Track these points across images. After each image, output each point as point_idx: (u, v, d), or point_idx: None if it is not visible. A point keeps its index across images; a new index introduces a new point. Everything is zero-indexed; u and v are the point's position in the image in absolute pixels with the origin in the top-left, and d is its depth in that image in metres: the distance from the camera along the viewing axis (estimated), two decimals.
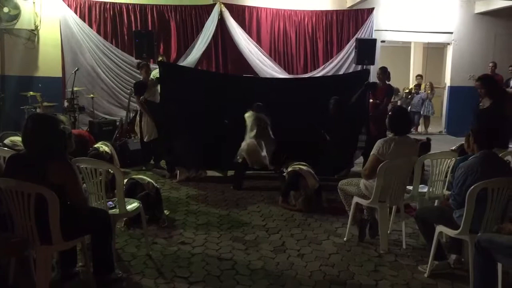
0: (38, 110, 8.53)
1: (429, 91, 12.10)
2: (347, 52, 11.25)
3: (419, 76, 12.47)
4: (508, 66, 11.00)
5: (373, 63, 9.27)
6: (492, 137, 3.66)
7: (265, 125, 6.46)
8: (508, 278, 3.38)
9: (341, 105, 6.73)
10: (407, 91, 12.32)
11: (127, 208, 4.03)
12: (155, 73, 7.91)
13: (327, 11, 11.44)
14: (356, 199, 4.50)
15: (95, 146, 6.00)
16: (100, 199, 3.88)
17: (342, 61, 11.32)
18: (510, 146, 9.32)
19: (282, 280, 3.75)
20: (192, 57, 10.60)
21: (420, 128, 12.46)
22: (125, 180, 4.82)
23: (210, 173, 7.20)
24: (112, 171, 4.17)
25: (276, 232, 4.82)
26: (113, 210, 3.97)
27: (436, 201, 4.64)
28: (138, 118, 7.71)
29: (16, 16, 9.71)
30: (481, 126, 3.78)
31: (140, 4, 10.50)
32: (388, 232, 4.60)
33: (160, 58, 8.95)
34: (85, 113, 9.81)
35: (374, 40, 9.89)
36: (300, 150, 6.44)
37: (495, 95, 5.64)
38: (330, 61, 11.34)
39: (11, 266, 3.22)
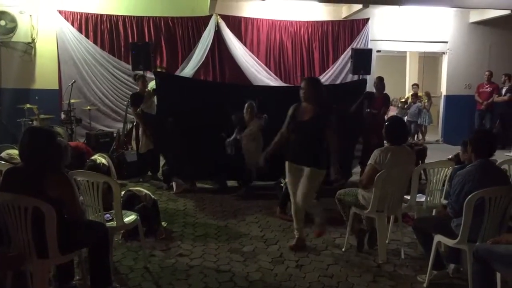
0: (35, 123, 8.52)
1: (425, 101, 12.13)
2: (342, 62, 11.33)
3: (415, 85, 12.53)
4: (502, 74, 11.11)
5: (369, 73, 9.34)
6: (490, 145, 3.67)
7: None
8: (506, 287, 3.37)
9: (340, 114, 6.74)
10: (403, 100, 12.35)
11: (124, 220, 4.01)
12: (152, 84, 7.94)
13: (322, 22, 11.53)
14: (354, 209, 4.50)
15: (92, 158, 5.98)
16: (97, 212, 3.87)
17: (337, 71, 11.40)
18: (509, 154, 9.39)
19: None
20: (189, 69, 10.65)
21: (417, 137, 12.47)
22: (123, 192, 4.82)
23: (208, 184, 7.20)
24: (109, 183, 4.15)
25: (274, 243, 4.80)
26: (111, 222, 3.95)
27: (434, 210, 4.64)
28: (134, 130, 7.71)
29: (13, 29, 9.74)
30: (479, 135, 3.79)
31: (136, 16, 10.57)
32: (387, 242, 4.59)
33: (159, 69, 8.97)
34: (82, 125, 9.81)
35: (370, 50, 9.97)
36: None
37: (320, 106, 4.42)
38: (327, 71, 11.41)
39: (8, 280, 3.19)
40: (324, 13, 11.64)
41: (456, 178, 3.61)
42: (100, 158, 5.83)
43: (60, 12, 10.13)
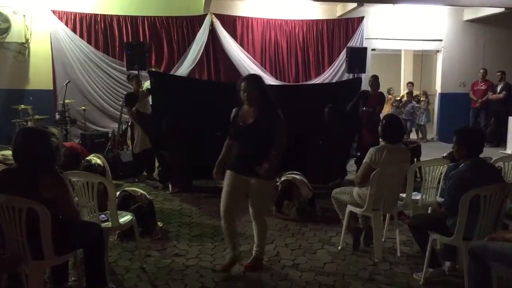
0: (29, 123, 8.48)
1: (423, 99, 12.12)
2: (340, 61, 11.31)
3: (410, 84, 12.54)
4: (496, 72, 11.15)
5: (364, 71, 9.35)
6: (480, 144, 3.69)
7: None
8: (502, 284, 3.38)
9: (336, 113, 6.76)
10: (398, 98, 12.35)
11: (120, 221, 3.99)
12: (147, 84, 7.92)
13: (317, 21, 11.53)
14: (349, 208, 4.50)
15: (87, 158, 5.97)
16: (92, 213, 3.85)
17: (335, 71, 11.41)
18: (503, 151, 9.42)
19: None
20: (184, 68, 10.64)
21: (416, 136, 12.41)
22: (118, 193, 4.80)
23: (204, 184, 7.19)
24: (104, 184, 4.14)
25: (270, 242, 4.78)
26: (106, 223, 3.94)
27: (429, 208, 4.65)
28: (129, 130, 7.70)
29: (7, 30, 9.70)
30: (466, 134, 3.79)
31: (131, 16, 10.53)
32: (383, 240, 4.59)
33: (153, 69, 8.96)
34: (76, 126, 9.78)
35: (365, 49, 9.98)
36: (294, 158, 6.44)
37: (264, 106, 3.82)
38: (324, 73, 11.42)
39: (3, 282, 3.18)
40: (318, 12, 11.64)
41: (450, 180, 3.62)
42: (95, 159, 5.82)
43: (54, 12, 10.08)
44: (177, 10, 10.80)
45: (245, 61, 11.05)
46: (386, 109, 11.56)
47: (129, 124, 7.85)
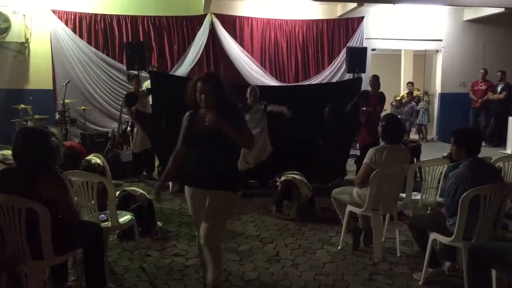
0: (29, 123, 8.48)
1: (426, 98, 12.11)
2: (340, 61, 11.32)
3: (410, 84, 12.53)
4: (496, 72, 11.14)
5: (364, 71, 9.34)
6: (478, 143, 3.69)
7: None
8: (502, 284, 3.38)
9: (336, 113, 6.76)
10: (398, 98, 12.34)
11: (119, 220, 3.99)
12: (147, 84, 7.92)
13: (317, 20, 11.55)
14: (349, 208, 4.50)
15: (87, 158, 5.96)
16: (92, 212, 3.85)
17: (334, 71, 11.41)
18: (503, 151, 9.42)
19: None
20: (184, 68, 10.65)
21: (418, 136, 12.38)
22: (117, 192, 4.80)
23: None
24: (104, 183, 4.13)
25: (270, 242, 4.80)
26: (105, 223, 3.94)
27: (429, 208, 4.65)
28: (129, 129, 7.70)
29: (6, 29, 9.71)
30: (463, 135, 3.79)
31: (131, 15, 10.55)
32: (382, 240, 4.59)
33: (150, 69, 8.97)
34: (76, 125, 9.78)
35: (365, 49, 9.97)
36: (294, 158, 6.45)
37: (224, 109, 3.22)
38: (323, 71, 11.42)
39: (3, 282, 3.17)
40: (319, 12, 11.65)
41: (449, 180, 3.62)
42: (95, 158, 5.81)
43: (54, 11, 10.09)
44: (177, 10, 10.81)
45: (245, 61, 11.06)
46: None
47: (129, 123, 7.85)
